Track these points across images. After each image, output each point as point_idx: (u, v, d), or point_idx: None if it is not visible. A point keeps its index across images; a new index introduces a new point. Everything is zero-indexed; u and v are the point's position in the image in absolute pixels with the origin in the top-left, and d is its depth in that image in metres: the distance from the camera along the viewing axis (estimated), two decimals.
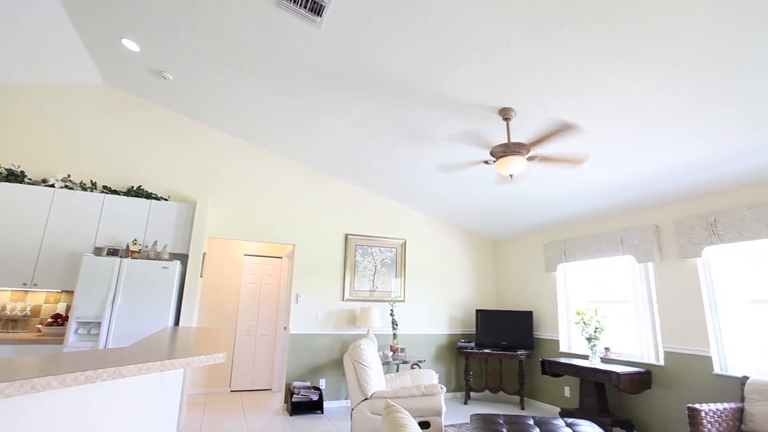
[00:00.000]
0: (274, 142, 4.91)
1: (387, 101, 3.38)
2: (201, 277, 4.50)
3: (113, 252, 3.87)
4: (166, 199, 4.48)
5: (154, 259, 3.90)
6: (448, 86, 3.01)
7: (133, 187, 4.38)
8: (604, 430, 3.80)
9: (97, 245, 3.97)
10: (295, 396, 4.63)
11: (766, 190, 3.36)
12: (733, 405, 3.06)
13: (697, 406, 2.96)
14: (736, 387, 3.37)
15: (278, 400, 5.28)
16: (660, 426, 3.89)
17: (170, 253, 4.31)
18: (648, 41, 2.25)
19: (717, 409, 2.98)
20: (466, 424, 4.50)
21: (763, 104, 2.54)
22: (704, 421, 2.91)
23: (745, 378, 3.20)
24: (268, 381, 5.91)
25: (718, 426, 2.95)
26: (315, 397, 4.68)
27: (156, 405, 2.16)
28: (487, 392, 5.79)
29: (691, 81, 2.47)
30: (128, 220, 4.14)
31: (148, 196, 4.37)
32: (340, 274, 5.39)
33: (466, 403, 5.36)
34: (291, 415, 4.58)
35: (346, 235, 5.50)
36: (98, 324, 3.56)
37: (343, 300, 5.33)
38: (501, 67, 2.69)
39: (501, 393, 5.72)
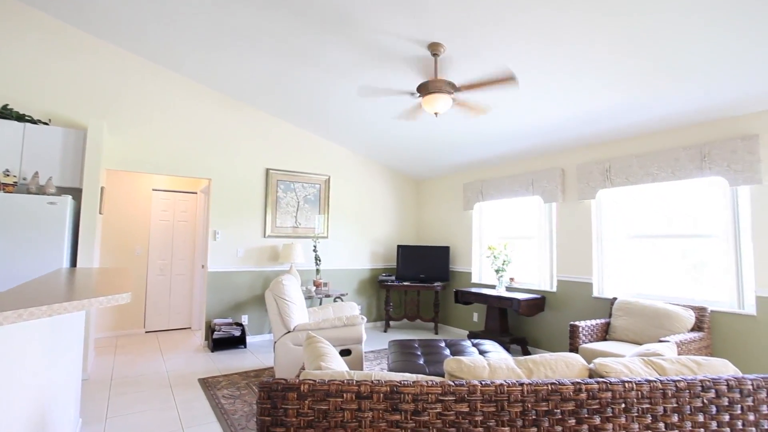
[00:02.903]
0: (185, 65, 4.30)
1: (309, 24, 3.08)
2: (101, 213, 4.02)
3: None
4: (46, 123, 3.79)
5: (36, 194, 3.37)
6: (375, 14, 2.80)
7: None
8: (503, 346, 4.38)
9: None
10: (216, 333, 4.57)
11: (650, 142, 3.81)
12: (603, 321, 3.70)
13: (576, 323, 3.52)
14: (608, 306, 4.04)
15: (199, 337, 5.19)
16: (547, 340, 4.57)
17: (58, 187, 3.75)
18: None
19: (591, 324, 3.59)
20: (385, 349, 4.87)
21: (671, 58, 2.77)
22: (581, 334, 3.50)
23: (614, 299, 3.84)
24: (186, 320, 5.75)
25: (590, 337, 3.57)
26: (237, 333, 4.67)
27: (51, 353, 1.97)
28: (405, 321, 6.27)
29: (609, 33, 2.59)
30: None
31: (20, 118, 3.65)
32: (261, 210, 5.19)
33: (385, 331, 5.77)
34: (212, 351, 4.55)
35: (267, 170, 5.24)
36: None
37: (264, 236, 5.19)
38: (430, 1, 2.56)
39: (418, 321, 6.23)
